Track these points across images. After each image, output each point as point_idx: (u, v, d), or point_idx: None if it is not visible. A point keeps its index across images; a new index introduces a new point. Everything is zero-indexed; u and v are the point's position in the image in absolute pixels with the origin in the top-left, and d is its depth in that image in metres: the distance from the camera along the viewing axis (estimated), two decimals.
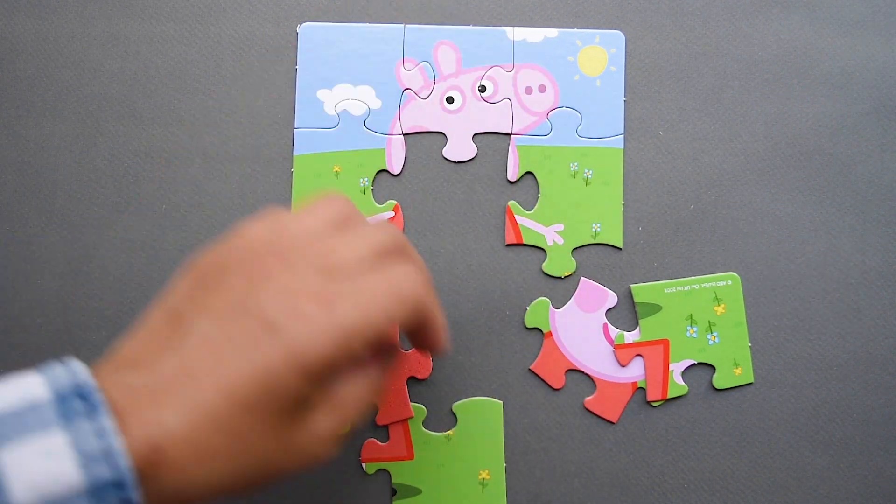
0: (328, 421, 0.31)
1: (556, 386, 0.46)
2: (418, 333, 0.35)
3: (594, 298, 0.46)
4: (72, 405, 0.26)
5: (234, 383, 0.28)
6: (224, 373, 0.28)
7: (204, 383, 0.28)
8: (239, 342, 0.29)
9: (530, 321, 0.46)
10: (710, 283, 0.46)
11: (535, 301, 0.46)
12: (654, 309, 0.46)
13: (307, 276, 0.30)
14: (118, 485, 0.25)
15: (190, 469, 0.27)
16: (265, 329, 0.29)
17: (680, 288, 0.46)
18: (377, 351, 0.33)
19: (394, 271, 0.32)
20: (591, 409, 0.46)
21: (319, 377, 0.29)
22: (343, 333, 0.29)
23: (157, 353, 0.29)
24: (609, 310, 0.46)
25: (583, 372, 0.46)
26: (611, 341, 0.46)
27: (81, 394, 0.26)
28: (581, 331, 0.46)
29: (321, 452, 0.31)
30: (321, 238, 0.32)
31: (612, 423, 0.46)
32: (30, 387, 0.26)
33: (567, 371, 0.46)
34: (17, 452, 0.24)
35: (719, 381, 0.46)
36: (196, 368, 0.28)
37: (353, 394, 0.32)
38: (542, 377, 0.46)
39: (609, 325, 0.46)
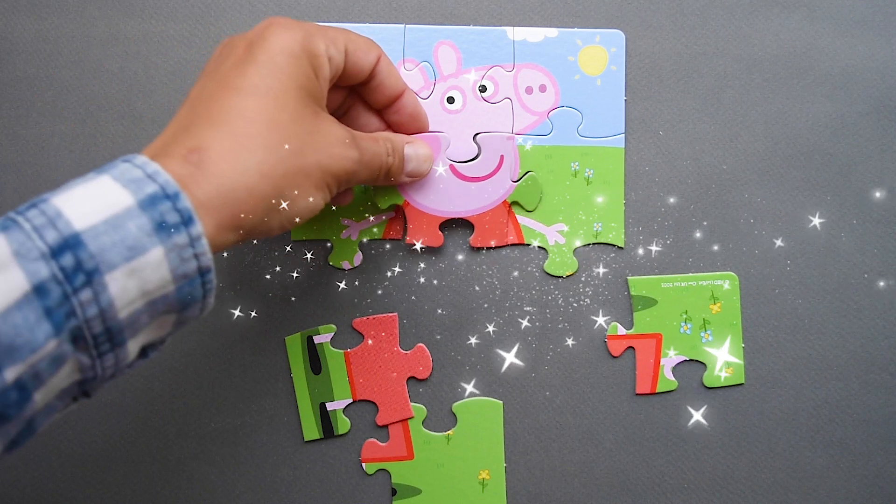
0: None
1: (436, 244, 0.45)
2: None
3: (433, 149, 0.44)
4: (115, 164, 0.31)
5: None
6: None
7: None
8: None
9: (383, 203, 0.45)
10: (708, 282, 0.46)
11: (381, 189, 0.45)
12: (650, 302, 0.46)
13: None
14: (168, 196, 0.29)
15: (226, 162, 0.31)
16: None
17: (677, 283, 0.46)
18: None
19: None
20: (478, 245, 0.46)
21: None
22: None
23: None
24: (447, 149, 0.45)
25: (457, 218, 0.46)
26: (461, 177, 0.45)
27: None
28: (433, 179, 0.45)
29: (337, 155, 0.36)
30: None
31: (498, 247, 0.46)
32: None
33: (441, 226, 0.45)
34: (68, 194, 0.29)
35: (709, 379, 0.46)
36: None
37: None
38: (424, 243, 0.45)
39: (455, 164, 0.45)
